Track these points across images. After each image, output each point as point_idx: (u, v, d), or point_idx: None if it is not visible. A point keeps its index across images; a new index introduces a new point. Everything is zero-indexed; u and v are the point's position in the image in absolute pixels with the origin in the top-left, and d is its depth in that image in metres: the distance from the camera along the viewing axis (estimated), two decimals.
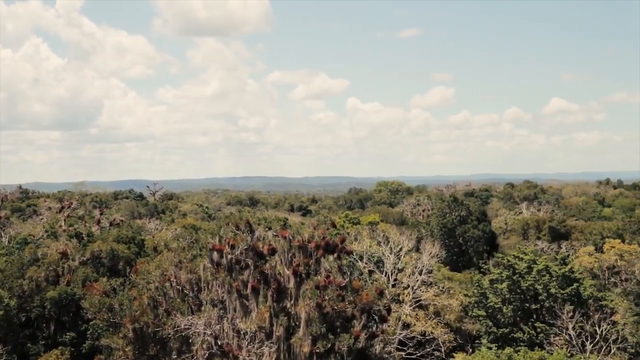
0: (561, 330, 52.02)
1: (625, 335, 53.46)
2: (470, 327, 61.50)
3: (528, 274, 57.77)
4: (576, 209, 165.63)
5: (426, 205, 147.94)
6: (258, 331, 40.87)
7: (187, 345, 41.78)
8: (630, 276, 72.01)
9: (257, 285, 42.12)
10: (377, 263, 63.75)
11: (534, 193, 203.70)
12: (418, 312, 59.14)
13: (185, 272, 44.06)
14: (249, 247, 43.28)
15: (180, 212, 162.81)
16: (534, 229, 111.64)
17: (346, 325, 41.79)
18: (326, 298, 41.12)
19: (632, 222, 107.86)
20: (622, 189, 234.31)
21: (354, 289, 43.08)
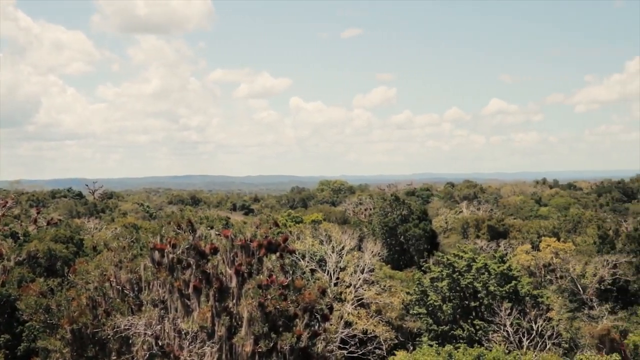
0: (499, 327, 52.96)
1: (560, 331, 54.76)
2: (411, 324, 62.14)
3: (467, 272, 58.67)
4: (514, 208, 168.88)
5: (368, 205, 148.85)
6: (200, 331, 40.60)
7: (127, 346, 41.27)
8: (565, 274, 73.71)
9: (199, 284, 41.83)
10: (320, 262, 63.93)
11: (474, 192, 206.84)
12: (360, 311, 59.47)
13: (126, 271, 43.51)
14: (190, 247, 42.93)
15: (120, 211, 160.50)
16: (473, 227, 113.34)
17: (288, 324, 41.79)
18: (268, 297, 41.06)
19: (567, 221, 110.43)
20: (558, 188, 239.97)
21: (297, 288, 43.12)
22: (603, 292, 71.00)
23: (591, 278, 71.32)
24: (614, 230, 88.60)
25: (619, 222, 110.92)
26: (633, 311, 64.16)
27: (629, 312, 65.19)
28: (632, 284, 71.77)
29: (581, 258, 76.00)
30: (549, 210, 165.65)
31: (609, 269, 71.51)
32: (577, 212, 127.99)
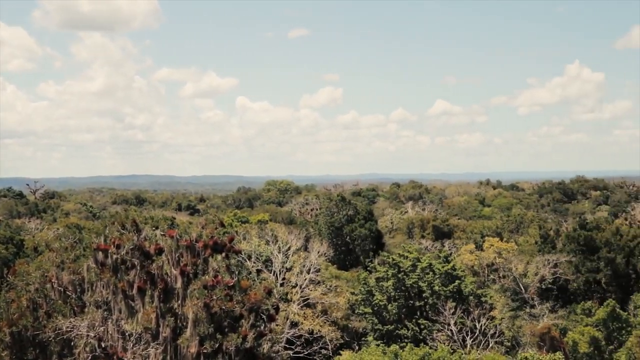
0: (443, 326, 53.59)
1: (502, 329, 55.67)
2: (356, 324, 62.45)
3: (412, 272, 59.22)
4: (458, 208, 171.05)
5: (314, 205, 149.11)
6: (144, 332, 40.15)
7: (68, 348, 40.58)
8: (508, 273, 74.95)
9: (144, 285, 41.37)
10: (266, 262, 63.83)
11: (419, 193, 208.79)
12: (306, 311, 59.54)
13: (68, 272, 42.77)
14: (135, 247, 42.43)
15: (62, 211, 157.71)
16: (418, 227, 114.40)
17: (234, 324, 41.63)
18: (214, 298, 40.84)
19: (510, 221, 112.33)
20: (501, 189, 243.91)
21: (242, 288, 42.96)
22: (544, 291, 72.41)
23: (533, 277, 72.67)
24: (554, 230, 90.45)
25: (560, 223, 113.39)
26: (572, 310, 65.56)
27: (568, 311, 66.60)
28: (571, 283, 73.35)
29: (523, 258, 77.36)
30: (492, 210, 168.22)
31: (550, 269, 72.96)
32: (519, 213, 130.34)
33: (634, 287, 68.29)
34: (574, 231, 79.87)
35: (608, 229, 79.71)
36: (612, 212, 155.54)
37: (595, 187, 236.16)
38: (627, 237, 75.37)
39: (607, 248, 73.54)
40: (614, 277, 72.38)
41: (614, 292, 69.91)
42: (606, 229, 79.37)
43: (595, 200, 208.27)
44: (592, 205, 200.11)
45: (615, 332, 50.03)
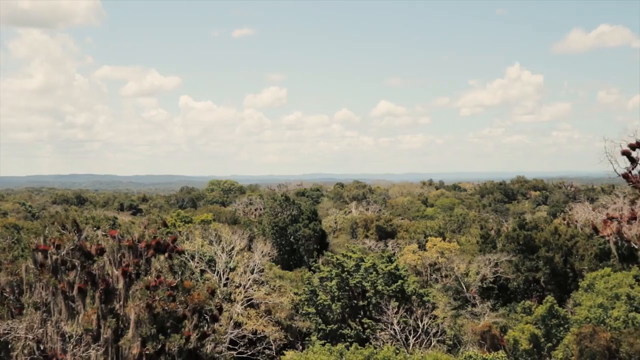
0: (386, 326, 53.96)
1: (444, 328, 56.31)
2: (300, 324, 62.48)
3: (356, 271, 59.47)
4: (402, 208, 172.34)
5: (258, 205, 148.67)
6: (84, 334, 39.56)
7: (6, 351, 39.69)
8: (450, 272, 75.90)
9: (84, 286, 40.75)
10: (209, 262, 63.38)
11: (363, 193, 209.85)
12: (249, 311, 59.34)
13: (5, 273, 41.86)
14: (75, 247, 41.76)
15: (0, 211, 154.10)
16: (362, 227, 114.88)
17: (177, 325, 41.32)
18: (157, 298, 40.47)
19: (452, 221, 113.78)
20: (444, 189, 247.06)
21: (185, 288, 42.66)
22: (485, 290, 73.51)
23: (474, 277, 73.72)
24: (495, 230, 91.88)
25: (500, 222, 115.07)
26: (512, 308, 66.69)
27: (508, 309, 67.72)
28: (511, 282, 74.61)
29: (465, 257, 78.44)
30: (435, 210, 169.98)
31: (491, 268, 74.10)
32: (461, 213, 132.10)
33: (571, 285, 69.76)
34: (514, 231, 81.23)
35: (547, 228, 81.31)
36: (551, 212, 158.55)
37: (535, 187, 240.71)
38: (565, 237, 77.01)
39: (545, 247, 75.00)
40: (553, 275, 73.87)
41: (553, 290, 71.34)
42: (545, 229, 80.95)
43: (534, 201, 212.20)
44: (531, 205, 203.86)
45: (553, 329, 51.08)
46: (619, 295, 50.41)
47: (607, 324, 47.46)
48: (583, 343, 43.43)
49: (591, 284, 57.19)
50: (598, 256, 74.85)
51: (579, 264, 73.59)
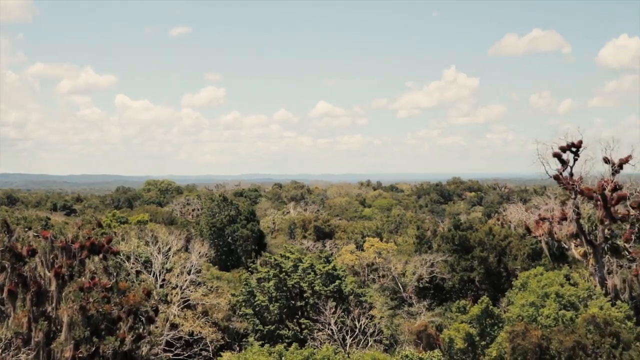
0: (324, 326, 54.10)
1: (381, 328, 56.76)
2: (238, 325, 62.21)
3: (294, 272, 59.51)
4: (340, 208, 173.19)
5: (196, 205, 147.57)
6: (15, 337, 38.63)
7: None
8: (387, 272, 76.56)
9: (15, 288, 39.82)
10: (145, 263, 62.59)
11: (301, 193, 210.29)
12: (186, 312, 58.83)
13: None
14: (5, 249, 40.78)
15: None
16: (300, 228, 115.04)
17: (112, 327, 40.72)
18: (91, 300, 39.81)
19: (390, 222, 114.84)
20: (381, 190, 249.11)
21: (121, 290, 42.09)
22: (421, 289, 74.40)
23: (411, 276, 74.54)
24: (431, 230, 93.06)
25: (437, 223, 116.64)
26: (448, 307, 67.60)
27: (444, 308, 68.64)
28: (447, 281, 75.68)
29: (402, 257, 79.22)
30: (372, 211, 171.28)
31: (427, 268, 75.04)
32: (398, 213, 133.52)
33: (505, 284, 71.08)
34: (449, 231, 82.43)
35: (481, 229, 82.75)
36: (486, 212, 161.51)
37: (470, 188, 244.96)
38: (499, 237, 78.49)
39: (480, 247, 76.30)
40: (487, 275, 75.21)
41: (487, 290, 72.59)
42: (480, 229, 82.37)
43: (470, 201, 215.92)
44: (467, 206, 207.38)
45: (488, 328, 51.91)
46: (549, 294, 51.56)
47: (539, 322, 48.49)
48: (515, 341, 44.26)
49: (524, 283, 58.36)
50: (530, 256, 76.53)
51: (512, 263, 75.10)
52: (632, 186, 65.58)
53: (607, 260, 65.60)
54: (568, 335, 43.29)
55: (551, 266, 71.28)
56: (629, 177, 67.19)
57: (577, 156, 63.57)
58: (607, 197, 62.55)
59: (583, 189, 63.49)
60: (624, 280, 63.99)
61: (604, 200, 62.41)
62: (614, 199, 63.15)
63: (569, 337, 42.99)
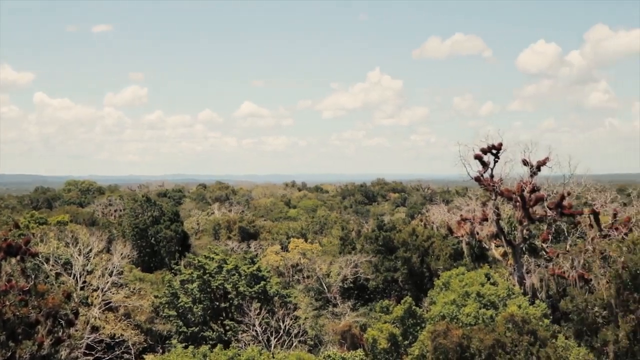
0: (248, 327, 53.91)
1: (306, 328, 56.88)
2: (161, 327, 61.45)
3: (218, 273, 59.09)
4: (265, 209, 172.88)
5: (118, 206, 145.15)
6: None
7: None
8: (312, 273, 76.81)
9: None
10: (65, 265, 61.11)
11: (226, 194, 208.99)
12: (108, 315, 57.79)
13: None
14: None
15: None
16: (225, 229, 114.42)
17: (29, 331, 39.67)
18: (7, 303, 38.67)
19: (314, 223, 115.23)
20: (306, 191, 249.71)
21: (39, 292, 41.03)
22: (346, 290, 74.89)
23: (335, 277, 74.95)
24: (356, 231, 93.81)
25: (361, 224, 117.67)
26: (372, 307, 68.24)
27: (368, 308, 69.28)
28: (371, 281, 76.35)
29: (326, 258, 79.60)
30: (297, 212, 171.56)
31: (351, 268, 75.57)
32: (323, 214, 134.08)
33: (428, 284, 72.19)
34: (373, 232, 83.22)
35: (405, 229, 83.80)
36: (409, 213, 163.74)
37: (394, 189, 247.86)
38: (422, 238, 79.64)
39: (404, 248, 77.24)
40: (410, 275, 76.21)
41: (410, 290, 73.58)
42: (403, 230, 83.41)
43: (394, 202, 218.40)
44: (391, 206, 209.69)
45: (410, 327, 52.61)
46: (470, 293, 52.61)
47: (460, 321, 49.41)
48: (437, 340, 44.96)
49: (446, 283, 59.40)
50: (452, 256, 77.94)
51: (434, 263, 76.32)
52: (549, 188, 67.52)
53: (525, 260, 67.35)
54: (488, 333, 44.22)
55: (472, 266, 72.75)
56: (546, 178, 69.15)
57: (497, 158, 65.05)
58: (526, 199, 64.20)
59: (503, 190, 65.02)
60: (542, 280, 65.77)
61: (523, 201, 64.03)
62: (532, 200, 64.87)
63: (488, 335, 43.91)
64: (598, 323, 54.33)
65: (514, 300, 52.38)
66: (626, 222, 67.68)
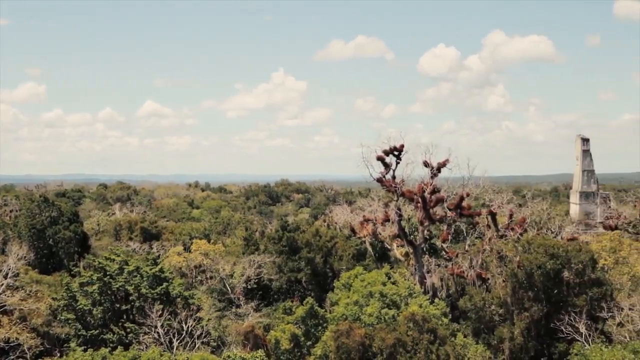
0: (150, 329, 53.15)
1: (209, 329, 56.52)
2: (59, 330, 59.79)
3: (119, 275, 57.98)
4: (167, 210, 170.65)
5: (14, 206, 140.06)
6: None
7: None
8: (215, 274, 76.34)
9: None
10: None
11: (127, 194, 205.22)
12: (1, 318, 55.84)
13: None
14: None
15: None
16: (126, 229, 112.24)
17: None
18: None
19: (218, 223, 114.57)
20: (210, 191, 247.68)
21: None
22: (249, 290, 74.79)
23: (239, 278, 74.75)
24: (260, 232, 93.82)
25: (265, 224, 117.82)
26: (275, 308, 68.44)
27: (272, 309, 69.43)
28: (274, 282, 76.54)
29: (230, 259, 79.26)
30: (201, 212, 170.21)
31: (255, 269, 75.53)
32: (227, 215, 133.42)
33: (331, 284, 72.96)
34: (277, 233, 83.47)
35: (308, 230, 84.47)
36: (313, 214, 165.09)
37: (298, 190, 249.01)
38: (325, 238, 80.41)
39: (307, 248, 77.78)
40: (314, 275, 76.82)
41: (314, 290, 74.18)
42: (307, 231, 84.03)
43: (297, 203, 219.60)
44: (295, 207, 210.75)
45: (312, 328, 53.04)
46: (373, 293, 53.48)
47: (363, 321, 50.17)
48: (340, 339, 45.53)
49: (345, 284, 60.32)
50: (355, 256, 79.07)
51: (337, 264, 77.18)
52: (449, 189, 69.41)
53: (426, 260, 68.99)
54: (390, 332, 45.10)
55: (374, 266, 74.00)
56: (446, 180, 71.06)
57: (399, 160, 66.41)
58: (427, 200, 65.78)
59: (404, 191, 66.42)
60: (441, 279, 67.56)
61: (424, 202, 65.57)
62: (433, 201, 66.52)
63: (390, 334, 44.79)
64: (495, 321, 56.24)
65: (415, 300, 53.61)
66: (521, 222, 70.31)
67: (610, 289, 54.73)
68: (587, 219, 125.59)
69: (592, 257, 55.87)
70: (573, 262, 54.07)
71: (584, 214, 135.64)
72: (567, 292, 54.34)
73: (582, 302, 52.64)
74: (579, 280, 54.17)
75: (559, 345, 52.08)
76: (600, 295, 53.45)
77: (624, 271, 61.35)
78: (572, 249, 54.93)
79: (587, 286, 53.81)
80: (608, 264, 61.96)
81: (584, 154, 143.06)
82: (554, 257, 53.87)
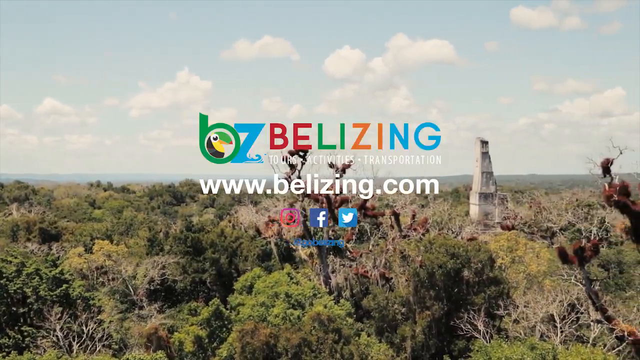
0: (49, 332, 51.75)
1: (110, 332, 55.47)
2: None
3: (17, 277, 56.16)
4: (68, 210, 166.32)
5: None
6: None
7: None
8: (117, 275, 74.93)
9: None
10: None
11: (25, 194, 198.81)
12: None
13: None
14: None
15: None
16: (24, 230, 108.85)
17: None
18: None
19: (120, 224, 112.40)
20: (112, 191, 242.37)
21: None
22: (153, 292, 73.72)
23: (142, 279, 73.56)
24: (164, 232, 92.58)
25: (169, 225, 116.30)
26: (180, 309, 67.73)
27: (176, 310, 68.65)
28: (179, 283, 75.67)
29: (133, 260, 77.90)
30: (103, 212, 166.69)
31: (159, 270, 74.49)
32: (130, 215, 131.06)
33: None
34: (181, 233, 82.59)
35: (213, 230, 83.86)
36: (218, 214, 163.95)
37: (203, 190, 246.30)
38: (230, 239, 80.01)
39: (212, 249, 77.23)
40: (219, 276, 76.33)
41: (219, 291, 73.71)
42: (211, 231, 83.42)
43: (202, 203, 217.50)
44: (200, 207, 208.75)
45: (218, 329, 52.77)
46: (279, 294, 53.64)
47: (269, 321, 50.25)
48: (245, 339, 45.47)
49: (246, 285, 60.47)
50: (260, 257, 79.07)
51: (243, 264, 76.96)
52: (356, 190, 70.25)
53: (331, 260, 69.66)
54: (295, 332, 45.36)
55: (280, 266, 74.21)
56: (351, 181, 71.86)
57: (305, 160, 66.74)
58: (332, 200, 66.41)
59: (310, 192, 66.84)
60: (346, 279, 68.37)
61: (329, 203, 66.17)
62: (338, 201, 67.22)
63: (295, 334, 45.05)
64: (398, 320, 57.35)
65: (320, 300, 54.06)
66: (423, 222, 71.93)
67: (507, 287, 56.69)
68: (485, 219, 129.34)
69: (491, 256, 57.69)
70: (472, 262, 55.71)
71: (483, 214, 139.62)
72: (466, 291, 55.96)
73: (481, 300, 54.32)
74: (478, 279, 55.85)
75: (459, 343, 53.53)
76: (498, 294, 55.29)
77: (520, 270, 63.69)
78: (472, 249, 56.57)
79: (485, 285, 55.55)
80: (505, 263, 64.13)
81: (482, 156, 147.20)
82: (454, 256, 55.36)
